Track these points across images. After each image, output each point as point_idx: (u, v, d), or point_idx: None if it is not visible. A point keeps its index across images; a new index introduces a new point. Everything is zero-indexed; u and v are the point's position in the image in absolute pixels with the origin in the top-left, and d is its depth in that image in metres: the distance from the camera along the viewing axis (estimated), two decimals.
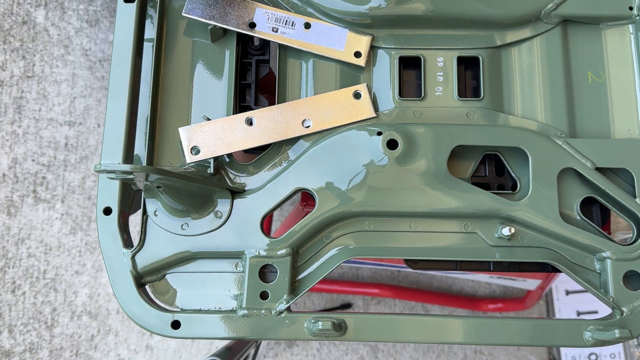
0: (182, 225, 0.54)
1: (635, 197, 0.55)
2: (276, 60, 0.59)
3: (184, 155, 0.53)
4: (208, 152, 0.53)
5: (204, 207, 0.54)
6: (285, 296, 0.52)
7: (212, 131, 0.53)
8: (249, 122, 0.54)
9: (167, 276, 0.54)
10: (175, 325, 0.52)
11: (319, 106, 0.54)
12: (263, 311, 0.52)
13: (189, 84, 0.57)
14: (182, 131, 0.53)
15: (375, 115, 0.55)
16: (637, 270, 0.53)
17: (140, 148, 0.56)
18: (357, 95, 0.55)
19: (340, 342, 1.13)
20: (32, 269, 1.10)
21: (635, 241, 0.54)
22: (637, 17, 0.59)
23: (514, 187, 0.57)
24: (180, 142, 0.53)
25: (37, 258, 1.11)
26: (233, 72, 0.57)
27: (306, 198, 0.63)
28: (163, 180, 0.49)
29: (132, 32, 0.55)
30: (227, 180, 0.55)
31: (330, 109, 0.55)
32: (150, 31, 0.58)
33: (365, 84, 0.55)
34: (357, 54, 0.57)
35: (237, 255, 0.54)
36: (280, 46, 0.58)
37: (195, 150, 0.53)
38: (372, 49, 0.58)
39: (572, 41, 0.60)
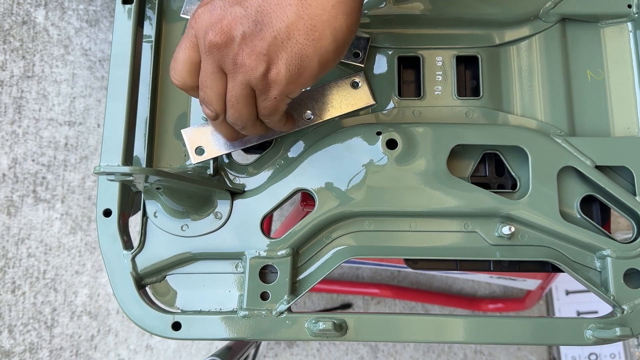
0: (182, 227, 0.54)
1: (635, 195, 0.55)
2: None
3: (188, 157, 0.53)
4: (212, 151, 0.53)
5: (203, 208, 0.54)
6: (285, 297, 0.52)
7: (214, 130, 0.53)
8: None
9: (167, 277, 0.54)
10: (176, 326, 0.52)
11: (318, 98, 0.55)
12: (264, 312, 0.52)
13: None
14: (185, 133, 0.53)
15: (374, 102, 0.55)
16: (638, 268, 0.53)
17: (140, 149, 0.56)
18: (354, 85, 0.55)
19: (340, 342, 1.13)
20: (32, 269, 1.10)
21: (635, 239, 0.54)
22: (636, 15, 0.59)
23: (514, 186, 0.57)
24: (184, 144, 0.53)
25: (37, 258, 1.11)
26: None
27: (306, 198, 0.63)
28: (163, 182, 0.49)
29: (131, 33, 0.55)
30: (227, 181, 0.55)
31: (330, 99, 0.55)
32: (149, 32, 0.58)
33: (361, 72, 0.55)
34: (356, 55, 0.57)
35: (237, 256, 0.54)
36: None
37: (199, 150, 0.53)
38: (371, 49, 0.58)
39: (570, 39, 0.60)
